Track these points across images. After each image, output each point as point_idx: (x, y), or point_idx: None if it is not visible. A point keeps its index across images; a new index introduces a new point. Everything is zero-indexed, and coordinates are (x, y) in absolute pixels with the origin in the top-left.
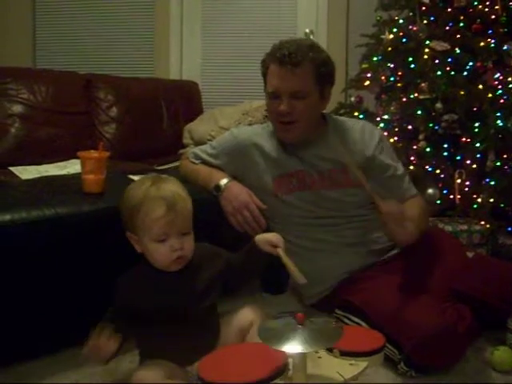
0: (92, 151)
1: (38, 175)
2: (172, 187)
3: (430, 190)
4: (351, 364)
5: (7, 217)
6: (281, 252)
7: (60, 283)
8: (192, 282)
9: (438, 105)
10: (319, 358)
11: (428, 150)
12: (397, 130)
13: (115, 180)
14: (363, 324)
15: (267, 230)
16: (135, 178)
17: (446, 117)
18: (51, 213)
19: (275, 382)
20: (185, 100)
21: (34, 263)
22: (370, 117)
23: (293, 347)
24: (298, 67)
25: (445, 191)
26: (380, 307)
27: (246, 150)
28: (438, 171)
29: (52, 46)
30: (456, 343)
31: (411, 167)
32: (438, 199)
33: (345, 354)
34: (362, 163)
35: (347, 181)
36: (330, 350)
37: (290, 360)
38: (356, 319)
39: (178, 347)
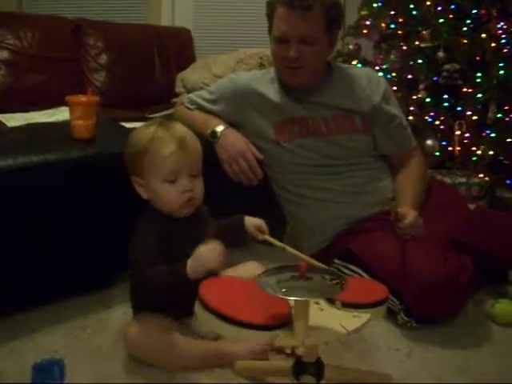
0: (80, 96)
1: (25, 122)
2: (181, 127)
3: (429, 141)
4: (354, 316)
5: None
6: (270, 238)
7: (48, 231)
8: (200, 231)
9: (440, 53)
10: (321, 310)
11: (428, 100)
12: (396, 79)
13: (106, 126)
14: (362, 273)
15: (265, 180)
16: (127, 125)
17: (447, 66)
18: (39, 159)
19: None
20: (177, 47)
21: (23, 211)
22: (368, 66)
23: (294, 296)
24: (308, 11)
25: (444, 143)
26: (380, 257)
27: (245, 96)
28: (437, 122)
29: None
30: (458, 294)
31: (410, 118)
32: (437, 150)
33: (347, 305)
34: (369, 111)
35: (352, 126)
36: (331, 302)
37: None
38: (355, 268)
39: (176, 299)
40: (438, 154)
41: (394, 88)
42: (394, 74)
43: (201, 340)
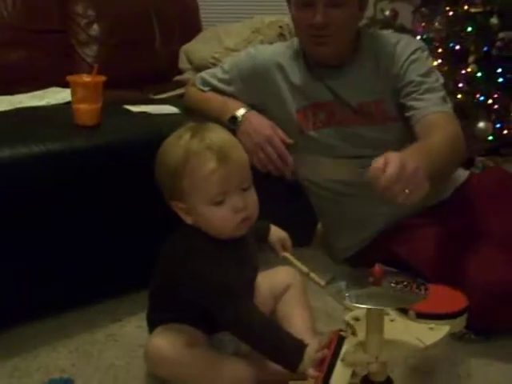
0: (84, 75)
1: (13, 107)
2: (218, 134)
3: (481, 124)
4: (431, 328)
5: None
6: (289, 256)
7: (48, 231)
8: (252, 248)
9: (494, 20)
10: (392, 321)
11: (479, 75)
12: (440, 50)
13: (109, 111)
14: None
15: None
16: (133, 108)
17: (501, 35)
18: (40, 150)
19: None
20: (180, 16)
21: (21, 207)
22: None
23: (369, 303)
24: None
25: (498, 125)
26: (431, 260)
27: (266, 74)
28: (490, 101)
29: None
30: None
31: (459, 96)
32: (490, 134)
33: (422, 316)
34: (392, 86)
35: (384, 114)
36: (404, 312)
37: (359, 324)
38: None
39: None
40: (491, 138)
41: (439, 61)
42: (437, 45)
43: (233, 357)
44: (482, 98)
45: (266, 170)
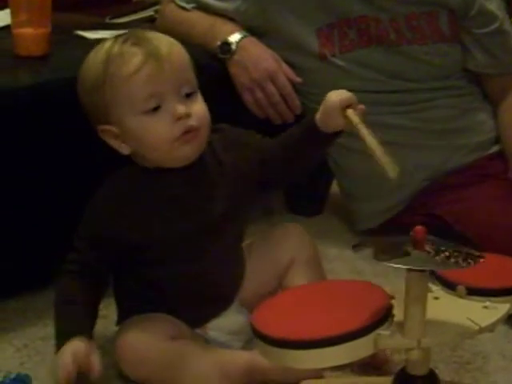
0: None
1: None
2: (150, 32)
3: None
4: (485, 307)
5: None
6: (355, 119)
7: None
8: (212, 186)
9: None
10: (436, 299)
11: None
12: None
13: (59, 38)
14: None
15: (301, 116)
16: (88, 34)
17: None
18: None
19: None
20: None
21: None
22: None
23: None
24: None
25: None
26: (485, 226)
27: None
28: None
29: None
30: None
31: None
32: None
33: (474, 292)
34: (458, 5)
35: (435, 31)
36: (451, 288)
37: (394, 302)
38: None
39: (181, 299)
40: None
41: None
42: None
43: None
44: None
45: (264, 115)
